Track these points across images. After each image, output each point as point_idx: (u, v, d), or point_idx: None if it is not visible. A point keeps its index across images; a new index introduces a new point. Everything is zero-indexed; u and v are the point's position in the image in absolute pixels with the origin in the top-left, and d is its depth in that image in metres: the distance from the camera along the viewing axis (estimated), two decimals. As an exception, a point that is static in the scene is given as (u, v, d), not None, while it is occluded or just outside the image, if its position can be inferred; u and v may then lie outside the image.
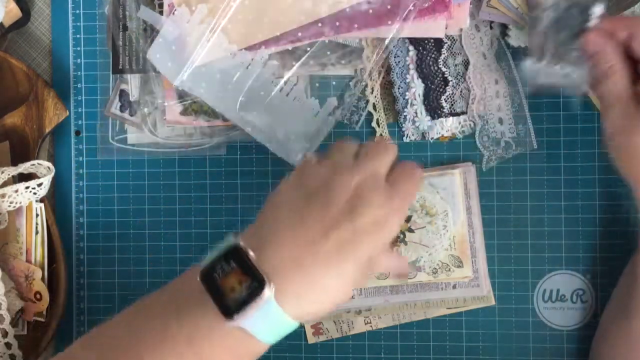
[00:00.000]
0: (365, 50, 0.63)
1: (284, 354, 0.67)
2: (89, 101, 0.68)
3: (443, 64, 0.62)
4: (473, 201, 0.64)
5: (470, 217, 0.64)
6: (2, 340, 0.62)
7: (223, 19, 0.60)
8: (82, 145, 0.69)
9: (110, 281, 0.69)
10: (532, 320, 0.65)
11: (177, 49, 0.61)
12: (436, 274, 0.64)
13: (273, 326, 0.47)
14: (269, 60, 0.62)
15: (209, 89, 0.61)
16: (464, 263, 0.64)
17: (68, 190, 0.69)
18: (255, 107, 0.62)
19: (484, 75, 0.63)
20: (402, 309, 0.65)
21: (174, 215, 0.68)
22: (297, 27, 0.61)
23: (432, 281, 0.65)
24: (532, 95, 0.63)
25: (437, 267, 0.64)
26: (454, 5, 0.60)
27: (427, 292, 0.65)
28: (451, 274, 0.64)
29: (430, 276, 0.64)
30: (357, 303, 0.65)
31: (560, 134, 0.64)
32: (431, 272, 0.64)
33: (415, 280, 0.65)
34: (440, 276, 0.64)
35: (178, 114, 0.64)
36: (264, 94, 0.62)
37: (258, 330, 0.47)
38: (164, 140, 0.66)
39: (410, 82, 0.63)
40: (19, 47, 0.69)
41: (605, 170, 0.64)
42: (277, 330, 0.47)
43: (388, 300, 0.65)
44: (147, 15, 0.63)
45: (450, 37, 0.62)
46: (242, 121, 0.63)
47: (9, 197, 0.62)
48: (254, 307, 0.45)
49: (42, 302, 0.64)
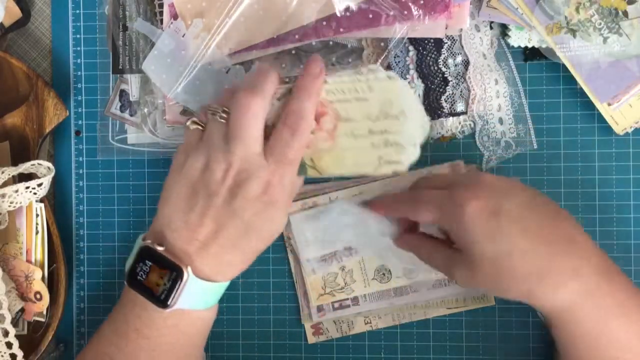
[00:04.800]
0: (365, 50, 0.63)
1: (284, 354, 0.67)
2: (89, 101, 0.68)
3: (443, 64, 0.62)
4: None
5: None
6: (3, 340, 0.62)
7: (218, 34, 0.61)
8: (82, 145, 0.69)
9: (110, 281, 0.69)
10: (532, 320, 0.65)
11: (172, 62, 0.61)
12: (438, 272, 0.64)
13: (203, 295, 0.55)
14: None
15: (203, 102, 0.62)
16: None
17: (68, 190, 0.69)
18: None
19: (484, 75, 0.63)
20: (402, 309, 0.65)
21: (174, 215, 0.68)
22: (295, 29, 0.61)
23: (435, 279, 0.65)
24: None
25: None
26: (454, 5, 0.60)
27: (430, 291, 0.65)
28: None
29: (432, 274, 0.64)
30: (362, 308, 0.65)
31: (560, 134, 0.64)
32: (433, 270, 0.64)
33: (418, 280, 0.65)
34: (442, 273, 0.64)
35: (178, 114, 0.64)
36: None
37: (192, 304, 0.54)
38: (164, 140, 0.66)
39: (410, 82, 0.63)
40: (19, 47, 0.69)
41: (605, 171, 0.64)
42: (209, 296, 0.55)
43: (393, 303, 0.65)
44: (143, 28, 0.63)
45: (450, 37, 0.62)
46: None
47: (9, 197, 0.62)
48: (180, 291, 0.53)
49: (42, 302, 0.64)
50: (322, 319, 0.66)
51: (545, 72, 0.64)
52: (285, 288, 0.67)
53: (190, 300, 0.54)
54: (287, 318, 0.67)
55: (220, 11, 0.61)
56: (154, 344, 0.55)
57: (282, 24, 0.61)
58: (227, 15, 0.61)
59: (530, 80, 0.64)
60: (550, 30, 0.60)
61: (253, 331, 0.68)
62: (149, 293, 0.54)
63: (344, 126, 0.53)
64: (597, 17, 0.60)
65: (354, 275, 0.65)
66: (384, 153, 0.53)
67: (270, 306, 0.67)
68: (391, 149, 0.53)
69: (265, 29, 0.61)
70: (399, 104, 0.53)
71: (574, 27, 0.60)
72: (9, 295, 0.63)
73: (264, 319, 0.68)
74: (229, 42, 0.61)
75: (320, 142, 0.54)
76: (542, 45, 0.62)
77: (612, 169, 0.64)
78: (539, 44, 0.62)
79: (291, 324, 0.67)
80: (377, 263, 0.65)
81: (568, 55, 0.60)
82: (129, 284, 0.55)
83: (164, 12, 0.63)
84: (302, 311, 0.67)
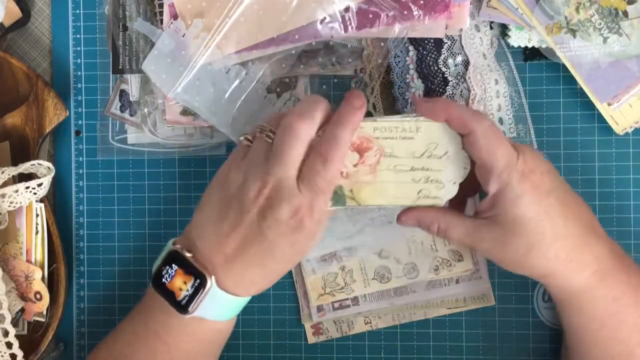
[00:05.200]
0: (365, 50, 0.63)
1: (284, 354, 0.67)
2: (89, 101, 0.68)
3: (443, 64, 0.62)
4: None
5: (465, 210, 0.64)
6: (3, 340, 0.62)
7: (218, 34, 0.61)
8: (82, 145, 0.69)
9: (110, 281, 0.69)
10: (532, 320, 0.65)
11: (172, 62, 0.61)
12: (437, 271, 0.64)
13: (224, 307, 0.55)
14: (261, 74, 0.63)
15: (203, 102, 0.62)
16: (463, 256, 0.64)
17: (68, 190, 0.69)
18: (248, 121, 0.63)
19: (484, 75, 0.63)
20: (402, 309, 0.65)
21: (173, 215, 0.68)
22: (295, 29, 0.61)
23: (435, 279, 0.65)
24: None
25: (438, 264, 0.64)
26: (454, 5, 0.60)
27: (430, 291, 0.65)
28: (453, 269, 0.64)
29: (432, 274, 0.64)
30: (362, 308, 0.65)
31: (560, 134, 0.64)
32: (432, 269, 0.64)
33: (418, 280, 0.65)
34: (442, 272, 0.64)
35: (178, 114, 0.64)
36: (257, 109, 0.63)
37: (211, 314, 0.55)
38: (164, 140, 0.66)
39: (410, 82, 0.63)
40: (19, 47, 0.69)
41: (605, 171, 0.64)
42: (229, 309, 0.56)
43: (393, 303, 0.65)
44: (143, 28, 0.63)
45: (450, 37, 0.62)
46: (235, 135, 0.63)
47: (9, 197, 0.62)
48: (202, 299, 0.53)
49: (42, 302, 0.64)
50: (322, 319, 0.66)
51: (545, 72, 0.64)
52: (285, 288, 0.67)
53: (210, 310, 0.54)
54: (287, 318, 0.67)
55: (220, 11, 0.61)
56: (171, 350, 0.56)
57: (282, 24, 0.61)
58: (227, 15, 0.61)
59: (530, 80, 0.64)
60: (550, 30, 0.60)
61: (253, 331, 0.68)
62: (171, 297, 0.54)
63: (387, 161, 0.54)
64: (597, 17, 0.60)
65: (354, 275, 0.65)
66: (424, 188, 0.55)
67: (270, 306, 0.67)
68: (432, 185, 0.54)
69: (265, 29, 0.61)
70: (444, 146, 0.54)
71: (574, 27, 0.60)
72: (9, 295, 0.63)
73: (264, 319, 0.68)
74: (229, 42, 0.61)
75: (362, 176, 0.54)
76: (542, 45, 0.62)
77: (612, 169, 0.64)
78: (539, 44, 0.62)
79: (291, 324, 0.67)
80: (377, 263, 0.65)
81: (568, 55, 0.60)
82: (154, 284, 0.55)
83: (164, 12, 0.63)
84: (302, 311, 0.67)
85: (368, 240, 0.65)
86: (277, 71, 0.63)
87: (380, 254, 0.65)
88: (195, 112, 0.63)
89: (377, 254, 0.65)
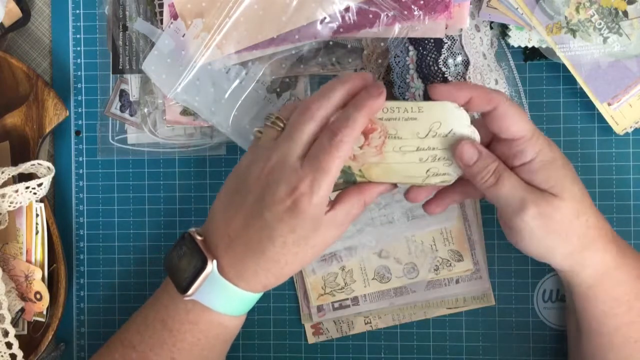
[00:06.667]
0: (365, 50, 0.63)
1: (284, 353, 0.67)
2: (89, 101, 0.68)
3: (443, 64, 0.62)
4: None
5: (464, 209, 0.64)
6: (3, 340, 0.62)
7: (218, 34, 0.61)
8: (82, 145, 0.69)
9: (110, 281, 0.69)
10: (532, 320, 0.65)
11: (172, 62, 0.61)
12: (438, 271, 0.65)
13: (223, 297, 0.54)
14: (261, 74, 0.63)
15: (203, 102, 0.62)
16: (464, 256, 0.64)
17: (68, 190, 0.69)
18: (248, 121, 0.63)
19: (484, 75, 0.63)
20: (402, 309, 0.65)
21: (173, 215, 0.68)
22: (295, 29, 0.61)
23: (435, 279, 0.65)
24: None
25: (438, 264, 0.64)
26: (454, 5, 0.60)
27: (430, 291, 0.65)
28: (453, 269, 0.64)
29: (432, 274, 0.65)
30: (362, 308, 0.66)
31: (560, 134, 0.64)
32: (433, 269, 0.65)
33: (418, 280, 0.65)
34: (442, 272, 0.65)
35: (178, 114, 0.64)
36: (257, 109, 0.63)
37: (212, 302, 0.54)
38: (164, 140, 0.66)
39: (410, 82, 0.63)
40: (19, 47, 0.69)
41: (605, 170, 0.64)
42: (229, 299, 0.54)
43: (393, 302, 0.65)
44: (143, 28, 0.63)
45: (450, 37, 0.62)
46: (235, 134, 0.63)
47: (9, 197, 0.62)
48: (202, 281, 0.53)
49: (42, 302, 0.64)
50: (322, 319, 0.66)
51: (545, 72, 0.64)
52: (285, 288, 0.67)
53: (209, 297, 0.54)
54: (287, 318, 0.67)
55: (220, 11, 0.61)
56: (176, 340, 0.56)
57: (282, 24, 0.61)
58: (227, 15, 0.61)
59: (530, 80, 0.64)
60: (550, 30, 0.60)
61: (253, 331, 0.68)
62: (175, 276, 0.55)
63: (392, 143, 0.54)
64: (597, 17, 0.60)
65: (354, 275, 0.65)
66: (432, 166, 0.54)
67: (270, 306, 0.67)
68: (439, 163, 0.54)
69: (265, 29, 0.61)
70: (448, 124, 0.53)
71: (574, 27, 0.60)
72: (9, 295, 0.63)
73: (264, 319, 0.68)
74: (229, 42, 0.61)
75: (369, 157, 0.54)
76: (542, 45, 0.62)
77: (612, 169, 0.64)
78: (539, 44, 0.62)
79: (291, 324, 0.67)
80: (377, 263, 0.65)
81: (568, 55, 0.60)
82: (164, 263, 0.57)
83: (164, 12, 0.63)
84: (302, 311, 0.67)
85: (368, 240, 0.65)
86: (277, 71, 0.63)
87: (380, 254, 0.65)
88: (195, 112, 0.63)
89: (377, 254, 0.65)
